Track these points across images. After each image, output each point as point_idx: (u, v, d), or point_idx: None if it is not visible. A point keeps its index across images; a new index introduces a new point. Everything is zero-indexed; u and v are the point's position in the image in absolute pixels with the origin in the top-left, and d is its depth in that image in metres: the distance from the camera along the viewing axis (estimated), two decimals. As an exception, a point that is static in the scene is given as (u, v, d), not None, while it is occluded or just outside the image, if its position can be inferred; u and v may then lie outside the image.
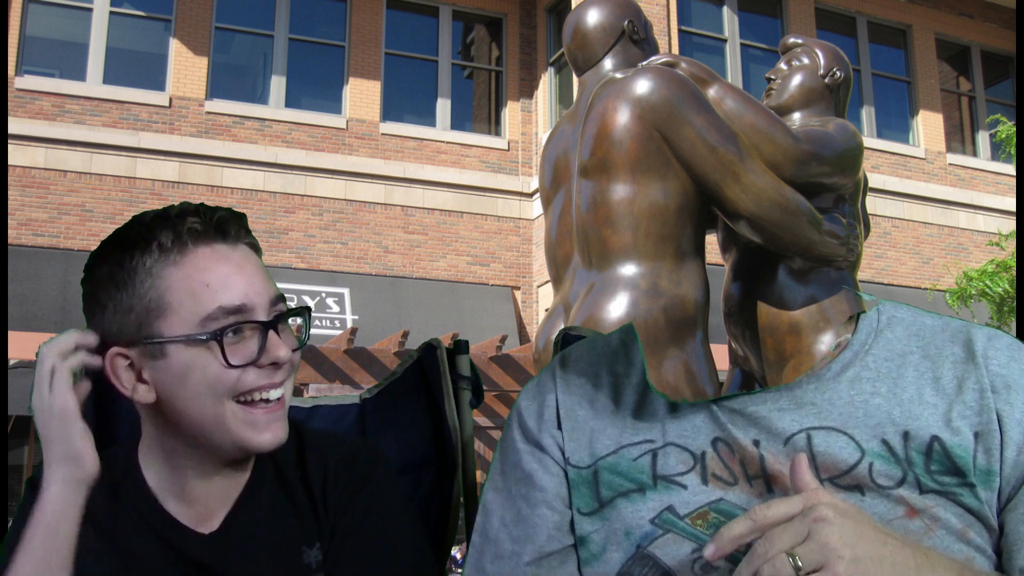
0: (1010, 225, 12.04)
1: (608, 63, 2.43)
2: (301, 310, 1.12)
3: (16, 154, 10.23)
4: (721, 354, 2.29)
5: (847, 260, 2.29)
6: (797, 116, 2.51)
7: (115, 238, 1.05)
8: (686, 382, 2.08)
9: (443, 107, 12.50)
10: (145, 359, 1.02)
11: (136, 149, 10.85)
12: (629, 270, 2.15)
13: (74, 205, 10.52)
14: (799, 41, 2.61)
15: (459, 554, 7.07)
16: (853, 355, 0.96)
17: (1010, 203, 13.04)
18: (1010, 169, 13.15)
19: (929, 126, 13.28)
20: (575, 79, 2.54)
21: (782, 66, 2.59)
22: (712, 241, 2.32)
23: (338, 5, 12.25)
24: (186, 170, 10.99)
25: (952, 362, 0.93)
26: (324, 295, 10.98)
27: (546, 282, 11.27)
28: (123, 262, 1.02)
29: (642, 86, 2.16)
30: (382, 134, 12.00)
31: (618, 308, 2.11)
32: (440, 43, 12.69)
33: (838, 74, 2.53)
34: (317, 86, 12.21)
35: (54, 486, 0.97)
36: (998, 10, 13.94)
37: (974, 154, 13.80)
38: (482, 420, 9.62)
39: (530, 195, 12.33)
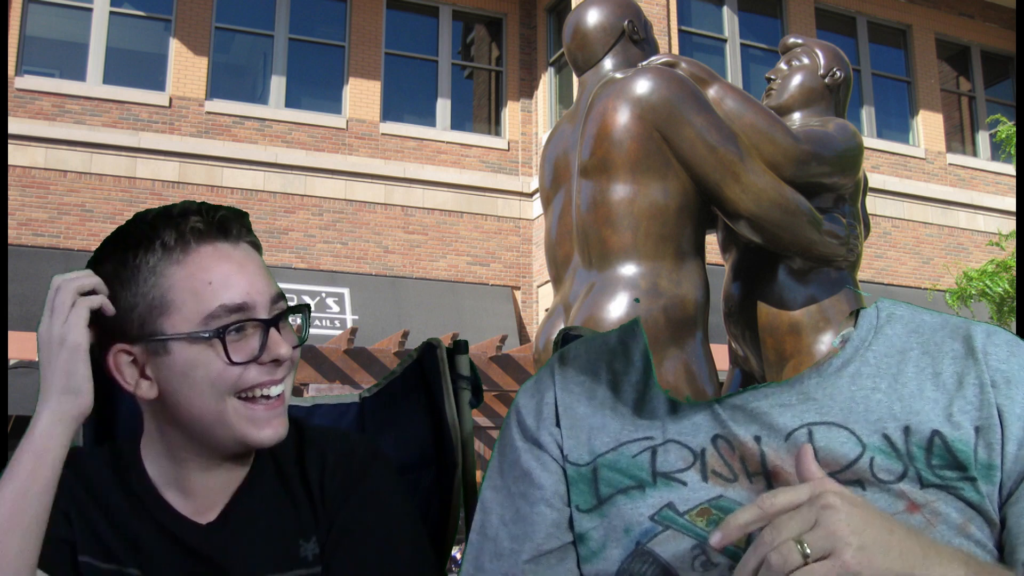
0: (1010, 225, 12.04)
1: (608, 63, 2.42)
2: (301, 308, 1.13)
3: (16, 154, 10.22)
4: (721, 354, 2.29)
5: (847, 260, 2.29)
6: (797, 116, 2.51)
7: (118, 236, 1.06)
8: (686, 382, 2.08)
9: (443, 107, 12.50)
10: (148, 356, 1.04)
11: (136, 149, 10.85)
12: (629, 270, 2.15)
13: (74, 205, 10.52)
14: (799, 41, 2.61)
15: (459, 554, 7.06)
16: (854, 351, 0.96)
17: (1010, 203, 13.04)
18: (1010, 169, 13.15)
19: (929, 126, 13.27)
20: (575, 79, 2.54)
21: (782, 66, 2.59)
22: (712, 241, 2.32)
23: (338, 5, 12.25)
24: (186, 170, 10.99)
25: (952, 358, 0.93)
26: (324, 295, 10.98)
27: (546, 282, 11.27)
28: (126, 260, 1.04)
29: (642, 86, 2.16)
30: (382, 134, 12.00)
31: (618, 308, 2.11)
32: (440, 43, 12.69)
33: (838, 74, 2.53)
34: (317, 86, 12.21)
35: (47, 416, 0.98)
36: (998, 10, 13.94)
37: (974, 154, 13.80)
38: (482, 420, 9.62)
39: (530, 195, 12.33)
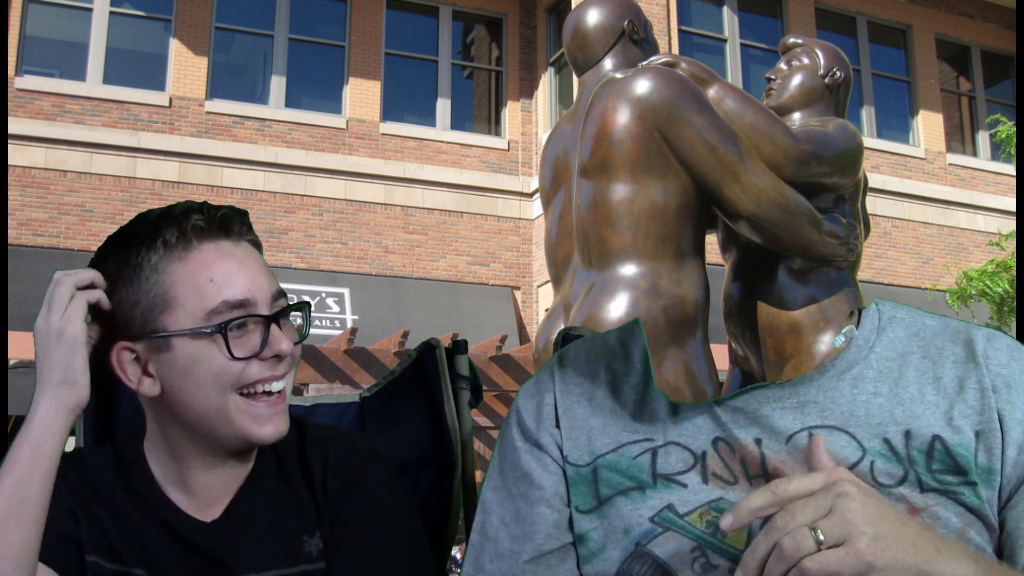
0: (1010, 225, 12.04)
1: (608, 63, 2.42)
2: (301, 305, 1.14)
3: (16, 154, 10.23)
4: (721, 354, 2.29)
5: (847, 260, 2.29)
6: (797, 116, 2.51)
7: (120, 235, 1.07)
8: (686, 382, 2.08)
9: (443, 107, 12.50)
10: (151, 352, 1.04)
11: (136, 149, 10.85)
12: (629, 270, 2.15)
13: (74, 205, 10.52)
14: (799, 41, 2.61)
15: (459, 554, 7.06)
16: (857, 352, 0.96)
17: (1010, 203, 13.04)
18: (1010, 169, 13.15)
19: (929, 126, 13.28)
20: (575, 79, 2.54)
21: (782, 66, 2.59)
22: (712, 241, 2.32)
23: (338, 5, 12.25)
24: (186, 170, 10.99)
25: (953, 362, 0.93)
26: (324, 295, 10.98)
27: (546, 282, 11.26)
28: (129, 258, 1.05)
29: (642, 86, 2.16)
30: (382, 134, 12.00)
31: (618, 308, 2.11)
32: (440, 43, 12.69)
33: (838, 74, 2.53)
34: (317, 86, 12.21)
35: (44, 407, 0.99)
36: (998, 10, 13.94)
37: (974, 154, 13.80)
38: (482, 420, 9.62)
39: (530, 195, 12.32)
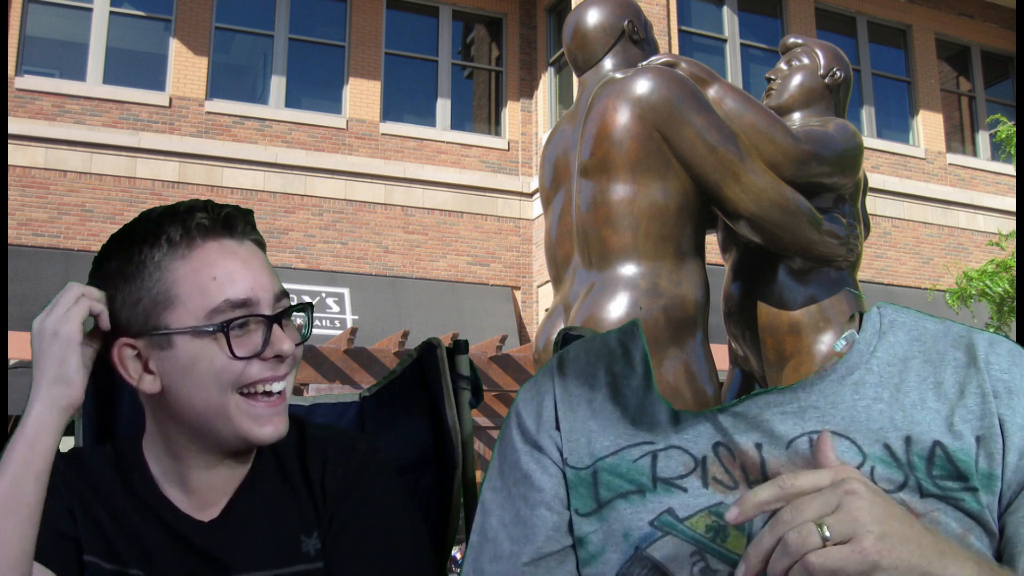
0: (1010, 225, 12.04)
1: (608, 63, 2.42)
2: (304, 306, 1.14)
3: (16, 154, 10.23)
4: (721, 354, 2.29)
5: (847, 260, 2.29)
6: (797, 116, 2.51)
7: (124, 233, 1.08)
8: (686, 382, 2.08)
9: (443, 107, 12.50)
10: (152, 350, 1.04)
11: (136, 149, 10.85)
12: (629, 270, 2.15)
13: (74, 205, 10.52)
14: (799, 41, 2.61)
15: (459, 554, 7.06)
16: (858, 357, 0.96)
17: (1010, 203, 13.04)
18: (1010, 169, 13.15)
19: (929, 126, 13.27)
20: (575, 79, 2.54)
21: (782, 66, 2.59)
22: (712, 241, 2.32)
23: (338, 5, 12.25)
24: (186, 170, 10.99)
25: (954, 367, 0.93)
26: (324, 295, 10.98)
27: (546, 282, 11.26)
28: (132, 256, 1.05)
29: (642, 86, 2.16)
30: (382, 134, 12.00)
31: (618, 308, 2.11)
32: (440, 43, 12.69)
33: (838, 74, 2.53)
34: (317, 86, 12.21)
35: (39, 405, 1.00)
36: (998, 10, 13.94)
37: (974, 154, 13.79)
38: (482, 420, 9.62)
39: (530, 195, 12.32)
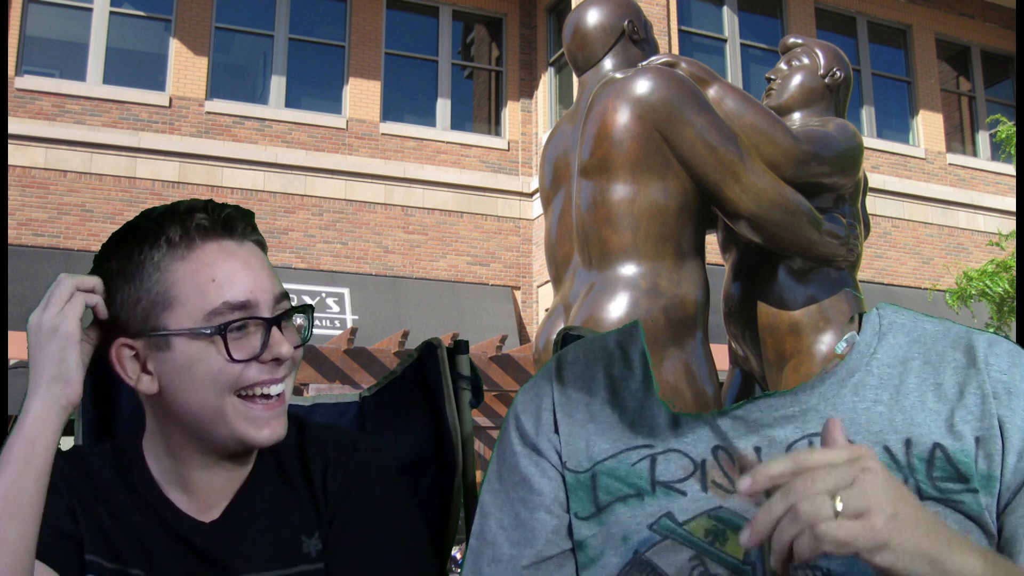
0: (1010, 225, 12.03)
1: (608, 63, 2.42)
2: (304, 308, 1.13)
3: (16, 154, 10.22)
4: (721, 354, 2.29)
5: (847, 260, 2.29)
6: (797, 116, 2.51)
7: (124, 232, 1.07)
8: (686, 382, 2.08)
9: (443, 107, 12.50)
10: (150, 351, 1.04)
11: (136, 149, 10.84)
12: (629, 270, 2.15)
13: (74, 205, 10.51)
14: (799, 41, 2.61)
15: (459, 554, 7.06)
16: (859, 359, 0.96)
17: (1010, 203, 13.03)
18: (1010, 169, 13.14)
19: (929, 126, 13.27)
20: (575, 79, 2.54)
21: (782, 66, 2.59)
22: (712, 241, 2.32)
23: (338, 5, 12.24)
24: (186, 170, 10.99)
25: (954, 368, 0.93)
26: (324, 295, 10.97)
27: (546, 282, 11.26)
28: (132, 256, 1.04)
29: (642, 86, 2.16)
30: (382, 134, 12.00)
31: (618, 308, 2.11)
32: (440, 43, 12.68)
33: (838, 74, 2.53)
34: (317, 86, 12.20)
35: (37, 403, 0.99)
36: (998, 10, 13.93)
37: (974, 154, 13.79)
38: (482, 420, 9.61)
39: (530, 195, 12.32)
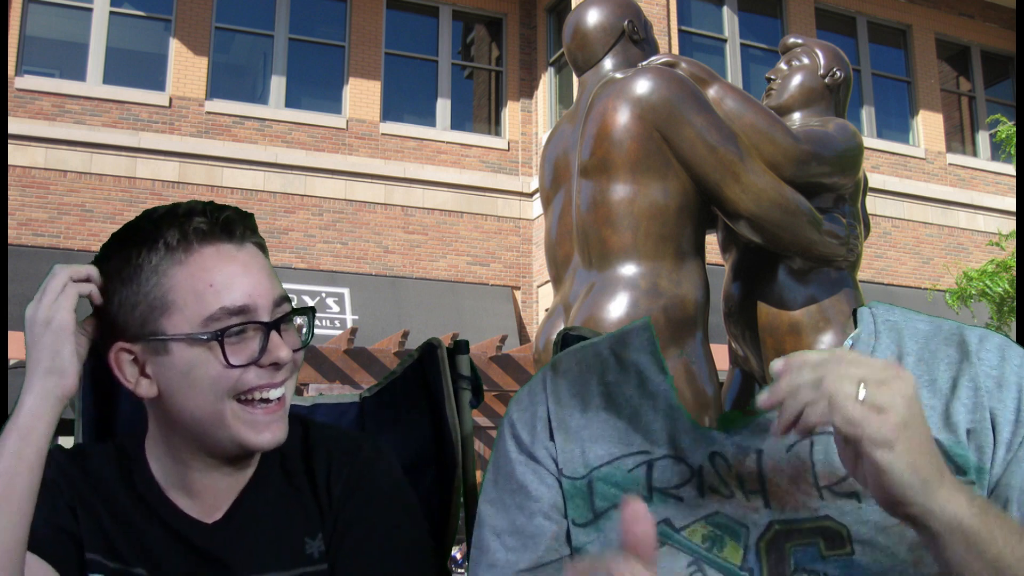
0: (1010, 225, 12.03)
1: (608, 63, 2.42)
2: (305, 310, 1.12)
3: (16, 154, 10.22)
4: (721, 354, 2.29)
5: (847, 260, 2.29)
6: (797, 116, 2.51)
7: (123, 233, 1.07)
8: (686, 382, 2.08)
9: (443, 107, 12.50)
10: (148, 355, 1.04)
11: (136, 149, 10.84)
12: (629, 270, 2.15)
13: (74, 205, 10.51)
14: (799, 41, 2.61)
15: (459, 554, 7.06)
16: None
17: (1010, 203, 13.03)
18: (1010, 169, 13.14)
19: (929, 126, 13.27)
20: (575, 79, 2.54)
21: (782, 66, 2.59)
22: (712, 241, 2.32)
23: (338, 5, 12.25)
24: (186, 170, 10.99)
25: (947, 363, 0.94)
26: (324, 295, 10.98)
27: (546, 282, 11.26)
28: (130, 258, 1.04)
29: (642, 86, 2.16)
30: (382, 134, 12.00)
31: (618, 308, 2.11)
32: (440, 43, 12.68)
33: (838, 74, 2.53)
34: (317, 86, 12.21)
35: (32, 396, 0.99)
36: (998, 10, 13.93)
37: (974, 154, 13.79)
38: (482, 420, 9.62)
39: (530, 195, 12.32)
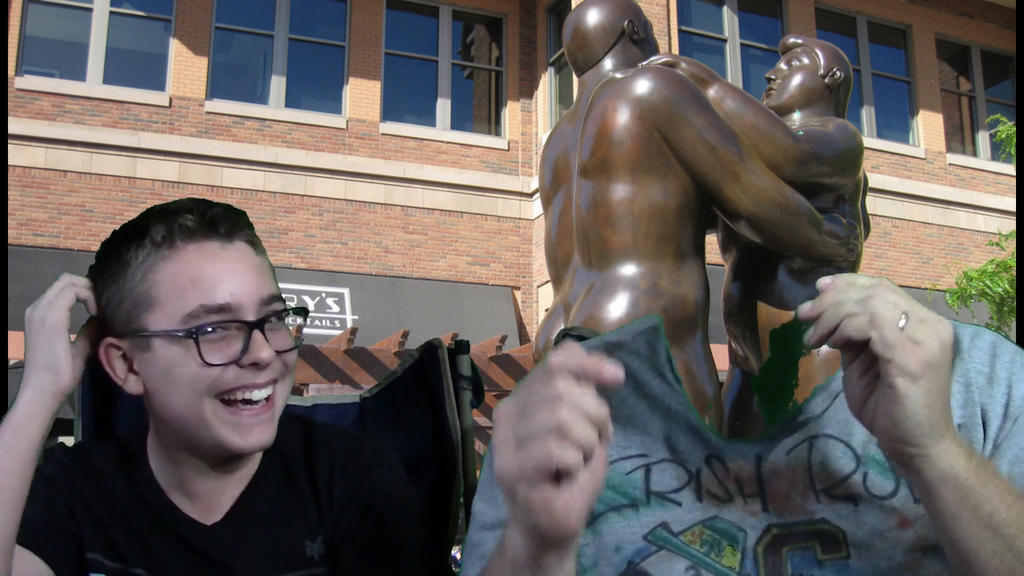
0: (1010, 225, 12.03)
1: (608, 63, 2.42)
2: (298, 311, 1.11)
3: (16, 154, 10.22)
4: (721, 354, 2.29)
5: (847, 260, 2.29)
6: (797, 116, 2.51)
7: (119, 230, 1.08)
8: (686, 382, 2.08)
9: (443, 107, 12.50)
10: (135, 351, 1.05)
11: (136, 149, 10.84)
12: (629, 270, 2.15)
13: (74, 205, 10.51)
14: (799, 41, 2.61)
15: (459, 554, 7.06)
16: None
17: (1010, 203, 13.03)
18: (1010, 169, 13.14)
19: (929, 126, 13.27)
20: (575, 79, 2.54)
21: (782, 66, 2.59)
22: (712, 241, 2.32)
23: (338, 5, 12.24)
24: (186, 170, 10.99)
25: None
26: (324, 295, 10.98)
27: (546, 282, 11.26)
28: (120, 255, 1.05)
29: (642, 86, 2.16)
30: (382, 134, 12.00)
31: (618, 308, 2.11)
32: (440, 43, 12.68)
33: (838, 74, 2.53)
34: (317, 86, 12.20)
35: (28, 392, 1.01)
36: (998, 10, 13.93)
37: (974, 154, 13.79)
38: (482, 420, 9.60)
39: (530, 195, 12.32)
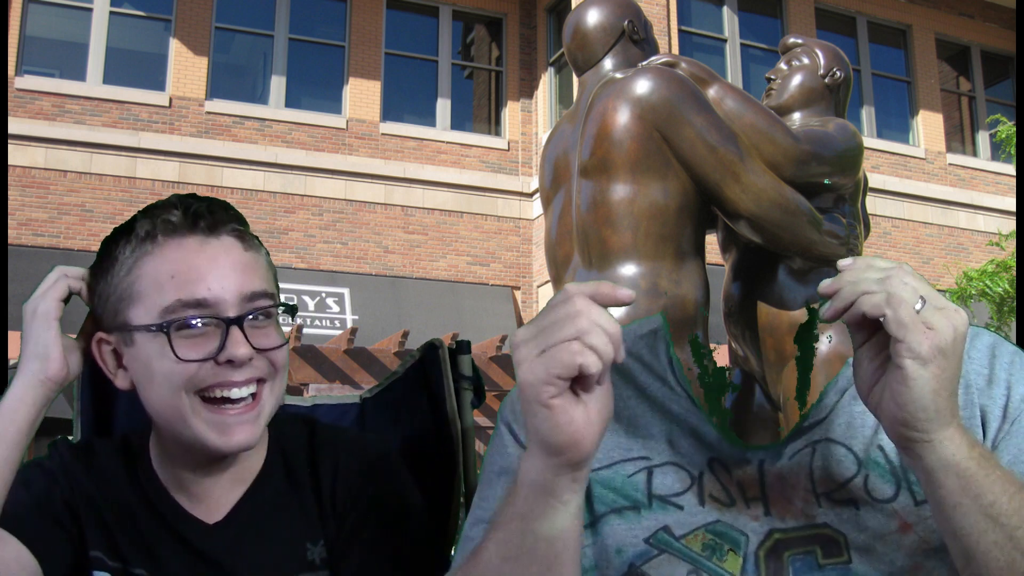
0: (1010, 225, 12.02)
1: (608, 63, 2.42)
2: (287, 309, 1.09)
3: (16, 154, 10.22)
4: (721, 354, 2.29)
5: (847, 260, 2.29)
6: (797, 116, 2.51)
7: (115, 229, 1.09)
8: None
9: (443, 107, 12.50)
10: (122, 345, 1.06)
11: (136, 149, 10.84)
12: (629, 270, 2.15)
13: (74, 205, 10.51)
14: (799, 41, 2.61)
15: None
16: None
17: (1010, 203, 13.03)
18: (1010, 169, 13.14)
19: (929, 126, 13.27)
20: (575, 79, 2.54)
21: (782, 66, 2.59)
22: (712, 241, 2.32)
23: (338, 5, 12.24)
24: (186, 170, 10.99)
25: None
26: (324, 295, 10.98)
27: (546, 282, 11.26)
28: (110, 250, 1.07)
29: (642, 86, 2.16)
30: (382, 134, 12.00)
31: (618, 308, 2.11)
32: (440, 43, 12.68)
33: (838, 74, 2.53)
34: (317, 86, 12.21)
35: (18, 380, 1.03)
36: (998, 10, 13.93)
37: (974, 154, 13.79)
38: (482, 420, 9.61)
39: (530, 195, 12.32)
